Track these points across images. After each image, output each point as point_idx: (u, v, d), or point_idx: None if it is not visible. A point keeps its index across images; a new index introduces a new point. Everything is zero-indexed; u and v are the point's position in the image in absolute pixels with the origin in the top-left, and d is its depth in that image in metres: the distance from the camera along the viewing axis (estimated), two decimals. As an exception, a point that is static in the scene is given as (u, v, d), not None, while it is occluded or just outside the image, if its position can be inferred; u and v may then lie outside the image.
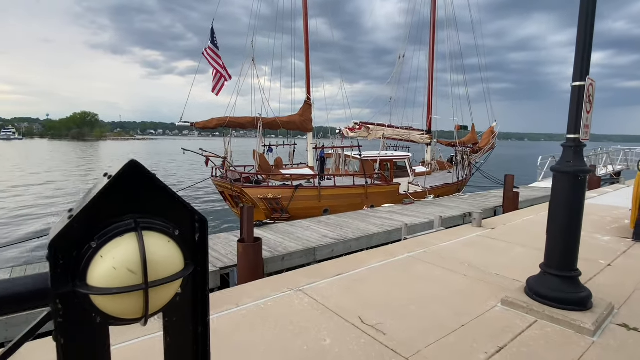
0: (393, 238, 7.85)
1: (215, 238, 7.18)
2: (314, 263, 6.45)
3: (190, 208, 1.01)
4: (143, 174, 0.95)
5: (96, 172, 32.18)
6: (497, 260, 4.65)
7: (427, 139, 17.58)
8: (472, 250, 5.04)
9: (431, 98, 18.27)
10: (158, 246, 0.92)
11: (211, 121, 10.35)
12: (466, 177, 16.13)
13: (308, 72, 12.95)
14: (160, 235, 0.94)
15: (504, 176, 10.85)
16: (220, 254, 6.15)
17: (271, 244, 6.64)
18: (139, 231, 0.90)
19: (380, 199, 11.67)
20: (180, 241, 0.98)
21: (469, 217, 9.95)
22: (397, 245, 5.22)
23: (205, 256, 1.06)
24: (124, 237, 0.89)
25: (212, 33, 9.93)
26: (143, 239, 0.90)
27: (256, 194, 9.67)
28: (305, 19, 12.62)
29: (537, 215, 7.64)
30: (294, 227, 8.12)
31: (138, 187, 0.95)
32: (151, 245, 0.91)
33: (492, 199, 12.55)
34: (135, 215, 0.95)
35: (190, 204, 1.01)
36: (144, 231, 0.92)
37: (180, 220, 1.01)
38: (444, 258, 4.65)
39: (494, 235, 5.86)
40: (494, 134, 20.47)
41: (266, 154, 13.02)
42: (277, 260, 5.92)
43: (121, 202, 0.94)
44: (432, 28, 18.05)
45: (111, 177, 0.92)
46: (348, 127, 13.80)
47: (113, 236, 0.89)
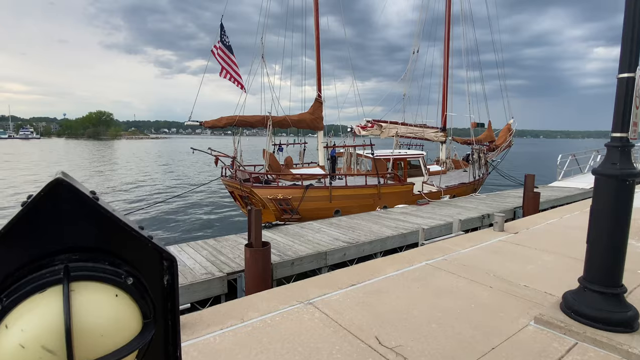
0: (408, 241, 7.50)
1: (223, 240, 6.95)
2: (324, 268, 6.17)
3: (152, 243, 0.71)
4: (77, 195, 0.66)
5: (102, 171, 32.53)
6: (525, 269, 4.28)
7: (441, 137, 17.07)
8: (496, 257, 4.67)
9: (446, 94, 17.75)
10: (98, 304, 0.63)
11: (220, 120, 10.14)
12: (483, 176, 15.59)
13: (319, 68, 12.64)
14: (104, 286, 0.65)
15: (524, 176, 10.35)
16: (228, 257, 5.91)
17: (280, 248, 6.37)
18: (66, 283, 0.61)
19: (393, 199, 11.30)
20: (137, 292, 0.68)
21: (488, 218, 9.52)
22: (414, 252, 4.88)
23: (175, 308, 0.76)
24: (44, 293, 0.60)
25: (222, 30, 9.69)
26: (70, 295, 0.61)
27: (266, 194, 9.42)
28: (316, 15, 12.31)
29: (562, 218, 7.19)
30: (304, 230, 7.84)
31: (71, 216, 0.66)
32: (86, 304, 0.62)
33: (510, 199, 12.06)
34: (69, 256, 0.66)
35: (152, 239, 0.72)
36: (76, 282, 0.63)
37: (138, 260, 0.72)
38: (466, 267, 4.30)
39: (518, 240, 5.47)
40: (511, 131, 19.83)
41: (276, 153, 12.77)
42: (287, 265, 5.65)
43: (44, 239, 0.65)
44: (447, 23, 17.50)
45: (26, 203, 0.63)
46: (360, 125, 13.44)
47: (27, 293, 0.60)
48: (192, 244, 6.74)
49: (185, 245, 6.65)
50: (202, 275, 5.12)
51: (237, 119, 10.14)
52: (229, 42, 9.82)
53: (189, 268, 5.43)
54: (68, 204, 0.61)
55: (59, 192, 0.60)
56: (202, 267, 5.47)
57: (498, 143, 18.49)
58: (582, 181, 15.71)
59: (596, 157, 18.05)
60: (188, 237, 10.83)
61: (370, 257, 6.92)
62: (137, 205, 16.30)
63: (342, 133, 14.96)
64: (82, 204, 0.62)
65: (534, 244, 5.29)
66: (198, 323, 2.93)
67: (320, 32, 12.82)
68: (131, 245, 0.68)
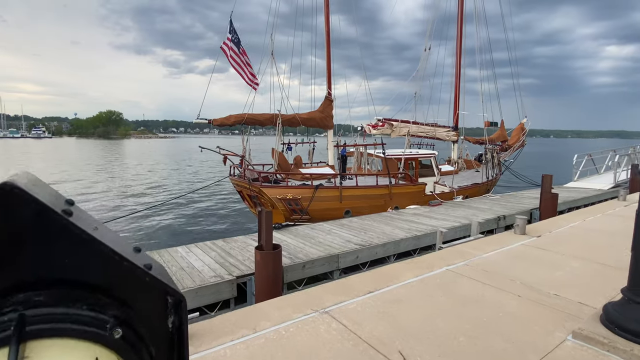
0: (422, 244, 7.26)
1: (232, 242, 6.77)
2: (336, 271, 5.96)
3: (151, 276, 0.50)
4: (35, 208, 0.44)
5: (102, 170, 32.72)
6: (553, 276, 4.01)
7: (453, 136, 16.71)
8: (520, 263, 4.41)
9: (458, 93, 17.39)
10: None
11: (229, 118, 9.97)
12: (496, 176, 15.22)
13: (329, 65, 12.41)
14: (77, 345, 0.44)
15: (541, 176, 10.01)
16: (237, 259, 5.73)
17: (291, 250, 6.17)
18: (14, 344, 0.40)
19: (405, 199, 11.03)
20: (128, 349, 0.47)
21: (504, 220, 9.22)
22: (433, 256, 4.64)
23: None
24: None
25: (231, 26, 9.52)
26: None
27: (275, 194, 9.23)
28: (326, 11, 12.08)
29: (585, 220, 6.87)
30: (315, 231, 7.63)
31: (34, 236, 0.45)
32: None
33: (526, 200, 11.71)
34: (29, 296, 0.46)
35: (151, 268, 0.50)
36: (34, 341, 0.42)
37: (132, 298, 0.51)
38: (490, 273, 4.05)
39: (541, 244, 5.19)
40: (524, 130, 19.40)
41: (285, 152, 12.58)
42: (298, 269, 5.44)
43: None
44: (459, 20, 17.13)
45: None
46: (370, 124, 13.20)
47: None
48: (201, 245, 6.57)
49: (194, 246, 6.49)
50: (211, 278, 4.94)
51: (246, 117, 9.97)
52: (238, 39, 9.65)
53: (197, 270, 5.26)
54: (21, 219, 0.40)
55: (10, 203, 0.40)
56: (211, 269, 5.30)
57: (511, 143, 18.08)
58: (599, 182, 15.26)
59: (613, 157, 17.56)
60: (196, 238, 10.71)
61: (384, 260, 6.69)
62: (142, 205, 16.27)
63: (352, 132, 14.72)
64: (44, 220, 0.41)
65: (559, 248, 5.00)
66: (207, 333, 2.73)
67: (330, 31, 12.61)
68: (122, 278, 0.47)
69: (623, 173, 15.55)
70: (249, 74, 9.74)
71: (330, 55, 12.77)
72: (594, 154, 17.35)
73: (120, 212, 13.97)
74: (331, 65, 12.76)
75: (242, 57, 9.60)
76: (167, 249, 6.39)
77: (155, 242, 10.92)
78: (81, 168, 32.89)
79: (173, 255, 6.00)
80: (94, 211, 14.61)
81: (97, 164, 37.24)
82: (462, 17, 17.36)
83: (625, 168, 15.92)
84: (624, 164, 16.12)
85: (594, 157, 17.31)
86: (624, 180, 14.94)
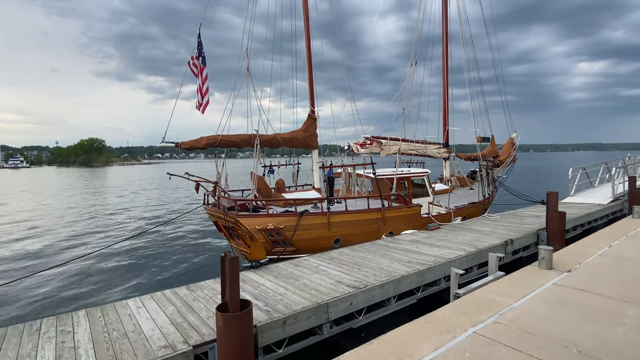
0: (426, 280, 6.16)
1: (198, 289, 5.54)
2: (326, 324, 4.79)
3: None
4: None
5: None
6: (614, 336, 2.97)
7: (444, 153, 15.96)
8: (565, 315, 3.36)
9: (446, 108, 16.78)
10: None
11: (200, 140, 8.89)
12: (492, 193, 14.40)
13: (311, 82, 11.56)
14: None
15: (546, 193, 9.15)
16: (200, 317, 4.51)
17: (269, 298, 4.99)
18: None
19: (399, 224, 9.99)
20: None
21: (512, 245, 8.23)
22: (451, 311, 3.55)
23: None
24: None
25: (198, 40, 8.60)
26: None
27: (254, 224, 8.07)
28: (306, 23, 11.32)
29: (611, 246, 5.93)
30: (299, 269, 6.46)
31: None
32: None
33: (528, 219, 10.81)
34: None
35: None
36: None
37: None
38: (533, 335, 2.98)
39: (578, 283, 4.17)
40: (514, 145, 18.89)
41: (266, 175, 11.48)
42: (277, 327, 4.26)
43: None
44: (444, 39, 16.73)
45: None
46: (358, 143, 12.29)
47: None
48: (158, 296, 5.32)
49: (149, 298, 5.24)
50: (160, 349, 3.71)
51: (219, 139, 8.90)
52: (202, 52, 8.70)
53: (144, 337, 4.03)
54: None
55: None
56: (163, 334, 4.07)
57: (502, 158, 17.44)
58: (596, 196, 14.62)
59: (605, 170, 17.11)
60: (159, 281, 9.13)
61: (383, 304, 5.56)
62: (98, 241, 14.54)
63: (338, 152, 13.78)
64: None
65: (602, 288, 3.99)
66: None
67: (312, 54, 11.87)
68: None
69: (619, 186, 14.96)
70: (203, 94, 8.74)
71: (312, 71, 11.97)
72: (589, 167, 16.84)
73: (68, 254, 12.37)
74: (314, 85, 11.93)
75: (201, 74, 8.64)
76: (115, 303, 5.13)
77: (103, 290, 9.11)
78: (39, 196, 30.71)
79: (119, 313, 4.74)
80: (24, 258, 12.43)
81: (56, 193, 34.87)
82: (447, 33, 16.98)
83: (621, 181, 15.35)
84: (620, 176, 15.57)
85: (588, 170, 16.80)
86: (622, 194, 14.34)
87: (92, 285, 9.56)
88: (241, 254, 8.87)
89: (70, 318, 4.66)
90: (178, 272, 10.35)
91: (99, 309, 4.98)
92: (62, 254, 12.49)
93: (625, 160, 18.71)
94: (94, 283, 9.67)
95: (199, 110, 8.69)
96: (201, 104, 8.57)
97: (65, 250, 13.07)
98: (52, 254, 12.56)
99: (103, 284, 9.63)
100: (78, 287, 9.42)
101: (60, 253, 12.72)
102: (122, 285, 9.47)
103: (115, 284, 9.53)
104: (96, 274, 10.37)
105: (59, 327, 4.42)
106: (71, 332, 4.26)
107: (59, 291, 9.14)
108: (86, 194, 34.31)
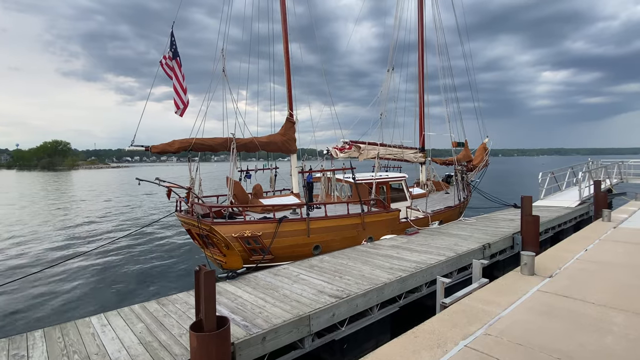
0: (408, 287, 6.05)
1: (170, 303, 5.17)
2: (308, 337, 4.56)
3: None
4: None
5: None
6: (604, 343, 2.92)
7: (421, 158, 16.13)
8: (554, 323, 3.31)
9: (422, 114, 17.00)
10: None
11: (172, 144, 8.46)
12: (467, 197, 14.66)
13: (289, 85, 11.34)
14: None
15: (521, 197, 9.33)
16: (172, 335, 4.17)
17: (247, 312, 4.71)
18: None
19: (379, 229, 9.91)
20: None
21: (489, 249, 8.31)
22: (440, 322, 3.42)
23: None
24: None
25: (172, 39, 8.21)
26: None
27: (229, 231, 7.73)
28: (284, 25, 11.11)
29: (587, 250, 6.05)
30: (279, 278, 6.20)
31: None
32: None
33: (502, 223, 11.02)
34: None
35: None
36: None
37: None
38: (525, 347, 2.89)
39: (561, 289, 4.17)
40: (486, 150, 19.41)
41: (243, 180, 11.12)
42: (256, 343, 4.00)
43: None
44: (420, 47, 16.97)
45: None
46: (337, 147, 12.17)
47: None
48: (126, 312, 4.92)
49: (115, 315, 4.82)
50: (127, 374, 3.37)
51: (193, 142, 8.51)
52: (176, 50, 8.30)
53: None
54: None
55: None
56: (130, 356, 3.71)
57: (475, 162, 17.85)
58: (565, 199, 15.21)
59: (572, 174, 17.88)
60: (123, 299, 8.45)
61: (365, 313, 5.39)
62: (56, 253, 13.63)
63: (317, 156, 13.61)
64: None
65: (586, 294, 4.00)
66: None
67: (289, 49, 11.65)
68: None
69: (585, 189, 15.64)
70: (180, 91, 8.31)
71: (291, 76, 11.76)
72: (557, 171, 17.53)
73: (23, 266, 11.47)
74: (292, 88, 11.71)
75: (176, 73, 8.23)
76: (77, 321, 4.68)
77: (64, 307, 8.27)
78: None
79: (81, 333, 4.32)
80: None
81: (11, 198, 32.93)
82: (423, 39, 17.24)
83: (587, 184, 16.06)
84: (586, 180, 16.29)
85: (557, 175, 17.49)
86: (588, 197, 14.97)
87: (50, 300, 8.68)
88: (216, 263, 8.49)
89: (24, 340, 4.20)
90: (148, 284, 9.72)
91: (58, 328, 4.53)
92: (15, 267, 11.53)
93: (589, 164, 19.64)
94: (53, 298, 8.83)
95: (178, 114, 8.25)
96: (180, 107, 8.14)
97: (18, 262, 12.11)
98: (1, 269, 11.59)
99: (63, 299, 8.77)
100: (34, 303, 8.57)
101: (12, 267, 11.76)
102: (85, 300, 8.71)
103: (78, 299, 8.75)
104: (56, 288, 9.54)
105: (12, 350, 3.96)
106: (25, 357, 3.82)
107: (12, 308, 8.27)
108: (41, 199, 32.40)
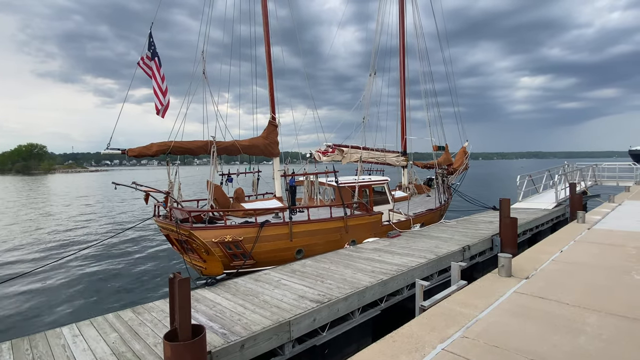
0: (389, 290, 6.07)
1: (145, 311, 5.02)
2: (288, 344, 4.50)
3: None
4: None
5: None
6: (577, 344, 2.99)
7: (403, 161, 16.32)
8: (529, 325, 3.36)
9: (404, 118, 17.22)
10: None
11: (150, 147, 8.25)
12: (447, 200, 14.89)
13: (271, 88, 11.27)
14: None
15: (499, 200, 9.52)
16: (146, 344, 4.04)
17: (226, 319, 4.61)
18: None
19: (362, 232, 9.94)
20: None
21: (469, 250, 8.44)
22: (418, 326, 3.43)
23: None
24: None
25: (150, 39, 8.04)
26: None
27: (210, 236, 7.58)
28: (265, 28, 11.06)
29: (562, 251, 6.21)
30: (260, 284, 6.12)
31: None
32: None
33: (482, 225, 11.23)
34: None
35: None
36: None
37: None
38: (501, 350, 2.92)
39: (537, 291, 4.25)
40: (466, 154, 19.78)
41: (224, 184, 10.96)
42: (234, 351, 3.91)
43: None
44: (401, 52, 17.22)
45: None
46: (320, 150, 12.18)
47: None
48: (99, 322, 4.74)
49: (87, 325, 4.64)
50: (97, 387, 3.23)
51: (172, 146, 8.33)
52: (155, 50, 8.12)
53: (79, 372, 3.50)
54: None
55: None
56: (102, 368, 3.57)
57: (455, 166, 18.18)
58: (542, 201, 15.61)
59: (549, 177, 18.43)
60: (96, 308, 8.09)
61: (347, 317, 5.37)
62: (26, 260, 13.11)
63: (300, 160, 13.57)
64: None
65: (560, 295, 4.09)
66: None
67: (272, 61, 11.61)
68: None
69: (562, 192, 16.13)
70: (160, 93, 8.13)
71: (273, 77, 11.70)
72: (535, 174, 18.02)
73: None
74: (274, 92, 11.65)
75: (157, 74, 8.05)
76: (46, 332, 4.48)
77: (33, 317, 7.90)
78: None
79: (51, 344, 4.13)
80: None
81: None
82: (404, 46, 17.49)
83: (563, 187, 16.56)
84: (562, 183, 16.80)
85: (534, 178, 17.98)
86: (564, 199, 15.43)
87: (19, 309, 8.29)
88: (196, 269, 8.31)
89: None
90: (123, 293, 9.41)
91: (26, 339, 4.32)
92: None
93: (565, 168, 20.29)
94: (22, 307, 8.44)
95: (159, 115, 8.05)
96: (159, 108, 7.95)
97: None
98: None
99: (33, 308, 8.38)
100: (1, 312, 8.17)
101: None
102: (56, 309, 8.34)
103: (48, 308, 8.38)
104: (24, 297, 9.12)
105: (-27, 365, 3.75)
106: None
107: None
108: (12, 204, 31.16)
